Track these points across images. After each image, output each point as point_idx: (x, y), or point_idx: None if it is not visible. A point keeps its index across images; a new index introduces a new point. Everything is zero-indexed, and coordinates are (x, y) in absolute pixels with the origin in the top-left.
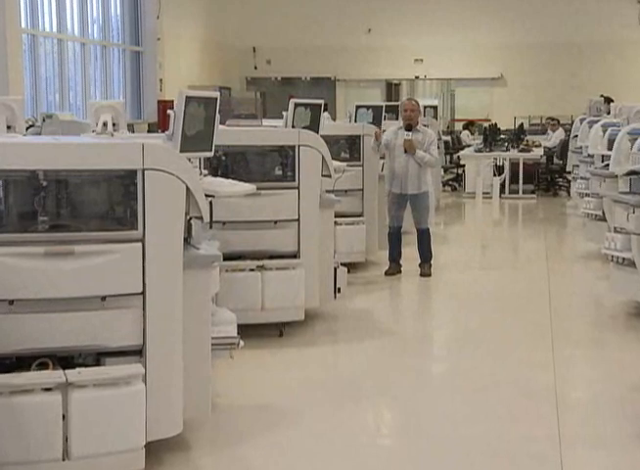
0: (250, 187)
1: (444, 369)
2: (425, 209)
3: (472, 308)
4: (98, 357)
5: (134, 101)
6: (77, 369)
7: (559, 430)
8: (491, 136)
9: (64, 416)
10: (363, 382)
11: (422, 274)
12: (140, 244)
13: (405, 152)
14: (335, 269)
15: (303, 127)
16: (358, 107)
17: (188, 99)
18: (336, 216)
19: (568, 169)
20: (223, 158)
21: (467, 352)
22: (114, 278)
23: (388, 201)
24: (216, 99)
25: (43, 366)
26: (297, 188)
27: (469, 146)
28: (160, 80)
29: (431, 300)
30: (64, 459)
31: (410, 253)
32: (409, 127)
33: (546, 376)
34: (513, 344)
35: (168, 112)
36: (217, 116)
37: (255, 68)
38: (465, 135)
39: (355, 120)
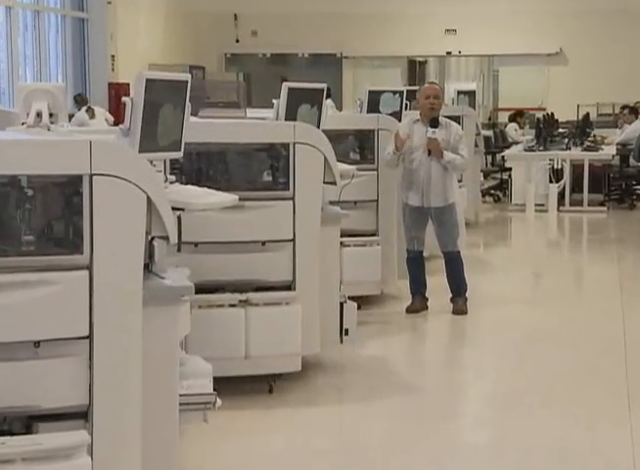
0: (230, 198)
1: (482, 437)
2: (453, 226)
3: (520, 357)
4: (29, 422)
5: (77, 84)
6: (1, 438)
7: None
8: (547, 130)
9: None
10: (377, 453)
11: (455, 311)
12: (86, 272)
13: (429, 154)
14: (341, 305)
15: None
16: (371, 92)
17: (149, 83)
18: (343, 235)
19: None
20: (195, 159)
21: (512, 416)
22: (52, 317)
23: (405, 217)
24: (186, 82)
25: None
26: (292, 199)
27: (517, 143)
28: (112, 57)
29: (465, 345)
30: None
31: (438, 283)
32: (434, 122)
33: (621, 448)
34: (575, 404)
35: (123, 99)
36: (188, 104)
37: (237, 41)
38: (512, 129)
39: (368, 110)
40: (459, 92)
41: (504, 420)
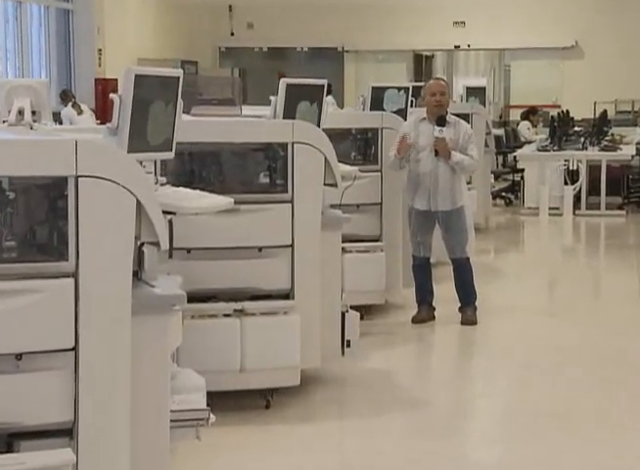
0: (224, 201)
1: (490, 456)
2: (462, 230)
3: (533, 372)
4: (10, 440)
5: (61, 80)
6: None
7: None
8: (561, 129)
9: None
10: None
11: (464, 322)
12: (72, 280)
13: (436, 154)
14: (342, 315)
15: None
16: (375, 88)
17: (138, 78)
18: (344, 241)
19: None
20: (188, 160)
21: (525, 436)
22: (35, 328)
23: (411, 221)
24: (178, 78)
25: None
26: (291, 202)
27: (529, 143)
28: (99, 51)
29: (474, 357)
30: None
31: (446, 291)
32: (441, 121)
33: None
34: (592, 423)
35: (111, 96)
36: (180, 102)
37: (232, 34)
38: (524, 128)
39: (371, 108)
40: (468, 88)
41: (513, 438)
